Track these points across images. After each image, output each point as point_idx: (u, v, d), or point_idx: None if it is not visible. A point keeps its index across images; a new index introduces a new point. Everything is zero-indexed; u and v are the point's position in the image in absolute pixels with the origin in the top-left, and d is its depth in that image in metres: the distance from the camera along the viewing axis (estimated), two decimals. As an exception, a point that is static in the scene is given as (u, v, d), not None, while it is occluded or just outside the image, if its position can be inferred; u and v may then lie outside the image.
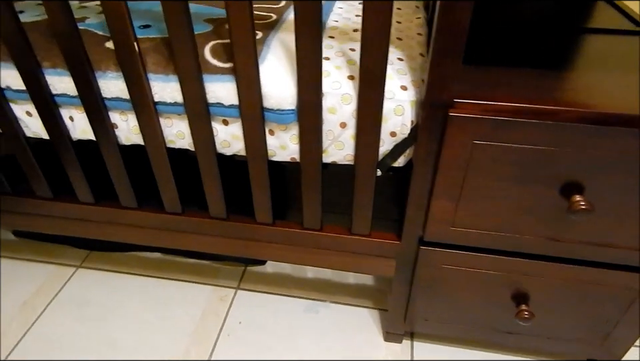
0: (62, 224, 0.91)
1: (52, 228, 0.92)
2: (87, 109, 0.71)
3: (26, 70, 0.68)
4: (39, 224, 0.92)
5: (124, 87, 0.68)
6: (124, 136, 0.75)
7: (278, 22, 0.76)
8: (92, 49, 0.67)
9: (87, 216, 0.88)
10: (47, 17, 0.74)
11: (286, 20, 0.79)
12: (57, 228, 0.92)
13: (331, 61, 0.67)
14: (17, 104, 0.74)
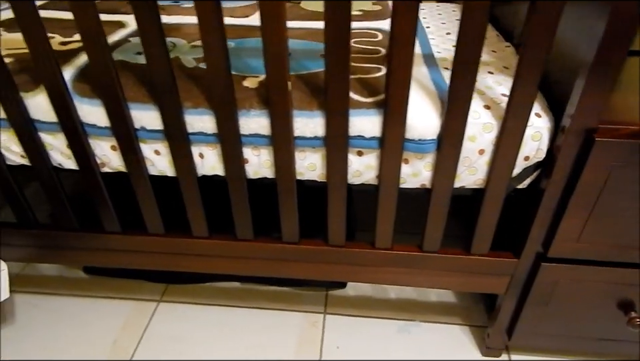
0: (141, 258, 0.91)
1: (130, 262, 0.92)
2: (224, 146, 0.72)
3: (169, 111, 0.69)
4: (114, 260, 0.93)
5: (265, 124, 0.70)
6: (253, 170, 0.76)
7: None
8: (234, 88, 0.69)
9: (161, 248, 0.88)
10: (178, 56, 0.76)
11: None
12: (138, 263, 0.92)
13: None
14: (147, 143, 0.75)
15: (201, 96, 0.71)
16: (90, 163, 0.77)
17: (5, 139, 0.77)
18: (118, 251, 0.90)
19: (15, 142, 0.77)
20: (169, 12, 1.07)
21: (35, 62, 0.66)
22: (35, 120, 0.74)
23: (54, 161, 0.79)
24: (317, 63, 0.79)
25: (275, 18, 0.59)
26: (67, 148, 0.76)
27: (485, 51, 0.90)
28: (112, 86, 0.67)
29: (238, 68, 0.78)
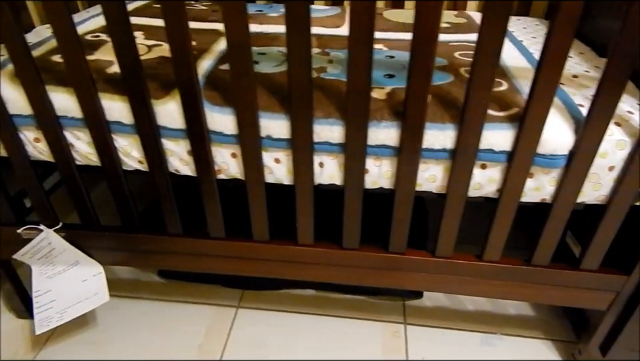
0: (234, 263, 0.92)
1: (223, 267, 0.93)
2: (348, 156, 0.73)
3: (300, 121, 0.70)
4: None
5: (394, 135, 0.71)
6: (371, 180, 0.77)
7: (507, 70, 0.81)
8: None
9: (267, 254, 0.89)
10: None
11: (511, 67, 0.84)
12: (230, 268, 0.93)
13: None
14: (268, 151, 0.75)
15: (332, 106, 0.71)
16: (209, 170, 0.77)
17: (126, 145, 0.77)
18: (220, 256, 0.91)
19: (137, 148, 0.77)
20: (261, 21, 1.08)
21: (175, 68, 0.67)
22: (161, 126, 0.74)
23: (171, 167, 0.79)
24: (440, 76, 0.80)
25: (428, 32, 0.60)
26: (187, 155, 0.77)
27: (588, 67, 0.91)
28: (248, 96, 0.68)
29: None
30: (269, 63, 0.84)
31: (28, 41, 0.71)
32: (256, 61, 0.83)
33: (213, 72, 0.79)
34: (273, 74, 0.79)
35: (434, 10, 0.58)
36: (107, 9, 0.63)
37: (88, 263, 0.94)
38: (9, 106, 0.75)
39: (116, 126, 0.75)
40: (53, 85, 0.74)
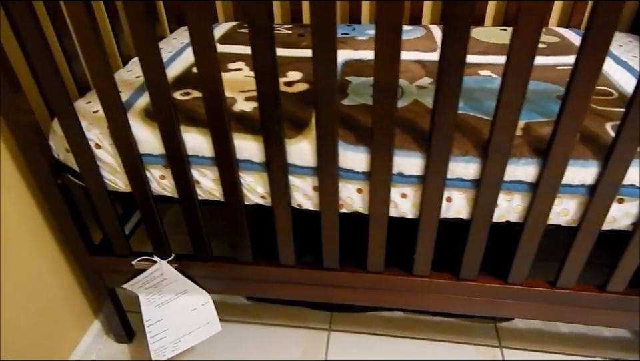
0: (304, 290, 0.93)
1: (293, 294, 0.94)
2: (481, 192, 0.72)
3: (436, 158, 0.69)
4: (277, 291, 0.94)
5: (532, 172, 0.70)
6: (499, 214, 0.76)
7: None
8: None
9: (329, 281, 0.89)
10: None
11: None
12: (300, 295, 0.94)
13: None
14: (396, 187, 0.75)
15: (469, 143, 0.71)
16: (334, 205, 0.77)
17: (252, 181, 0.78)
18: (286, 283, 0.92)
19: (262, 184, 0.78)
20: (353, 46, 1.08)
21: (317, 109, 0.67)
22: (291, 164, 0.75)
23: (294, 202, 0.80)
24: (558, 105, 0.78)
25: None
26: (312, 191, 0.77)
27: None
28: (387, 138, 0.68)
29: (484, 110, 0.78)
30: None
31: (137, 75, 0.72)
32: (375, 94, 0.83)
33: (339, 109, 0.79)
34: (405, 108, 0.79)
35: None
36: (258, 54, 0.63)
37: (196, 292, 0.95)
38: (140, 146, 0.76)
39: (245, 164, 0.76)
40: (185, 125, 0.75)
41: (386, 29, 0.58)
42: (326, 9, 0.57)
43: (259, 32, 0.61)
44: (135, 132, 0.76)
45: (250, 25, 0.60)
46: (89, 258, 0.92)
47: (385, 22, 0.57)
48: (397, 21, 0.57)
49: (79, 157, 0.78)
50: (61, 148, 0.81)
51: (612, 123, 0.73)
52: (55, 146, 0.81)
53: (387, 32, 0.58)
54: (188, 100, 0.83)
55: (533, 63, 0.59)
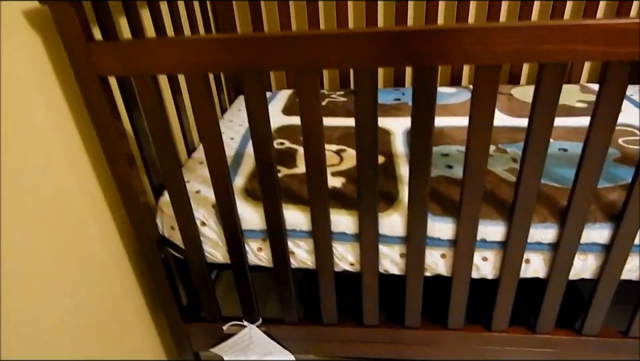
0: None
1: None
2: (559, 254, 0.79)
3: (518, 226, 0.76)
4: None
5: (606, 235, 0.77)
6: (574, 272, 0.82)
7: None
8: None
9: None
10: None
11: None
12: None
13: None
14: (478, 251, 0.82)
15: (546, 211, 0.78)
16: (420, 269, 0.84)
17: (343, 250, 0.85)
18: (416, 344, 0.97)
19: (352, 253, 0.85)
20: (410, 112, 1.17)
21: (410, 185, 0.74)
22: (381, 235, 0.82)
23: (381, 268, 0.87)
24: (623, 171, 0.86)
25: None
26: (399, 257, 0.84)
27: None
28: (473, 211, 0.76)
29: (552, 177, 0.86)
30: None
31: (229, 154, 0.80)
32: (449, 165, 0.91)
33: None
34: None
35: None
36: (361, 138, 0.71)
37: (280, 353, 1.00)
38: (243, 223, 0.84)
39: (338, 235, 0.83)
40: (284, 202, 0.84)
41: (482, 100, 0.66)
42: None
43: (364, 116, 0.69)
44: (239, 211, 0.84)
45: (356, 107, 0.68)
46: (182, 324, 0.99)
47: (481, 90, 0.66)
48: (494, 90, 0.66)
49: (185, 234, 0.86)
50: (167, 226, 0.89)
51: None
52: (161, 224, 0.89)
53: (483, 106, 0.66)
54: (282, 177, 0.91)
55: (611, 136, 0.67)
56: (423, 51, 0.61)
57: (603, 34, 0.58)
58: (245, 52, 0.64)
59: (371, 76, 0.65)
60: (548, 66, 0.62)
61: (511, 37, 0.59)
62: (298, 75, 0.66)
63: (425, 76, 0.64)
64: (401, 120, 1.12)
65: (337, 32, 0.62)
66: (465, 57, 0.61)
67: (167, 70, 0.67)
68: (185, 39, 0.65)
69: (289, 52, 0.64)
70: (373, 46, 0.62)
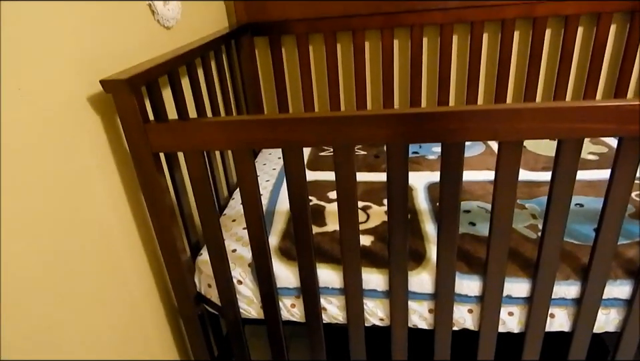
0: None
1: None
2: (582, 308, 0.82)
3: (541, 283, 0.80)
4: None
5: (627, 290, 0.80)
6: (599, 326, 0.85)
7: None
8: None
9: None
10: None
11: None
12: None
13: None
14: (503, 306, 0.86)
15: (569, 268, 0.82)
16: (449, 324, 0.88)
17: (373, 306, 0.89)
18: None
19: (382, 309, 0.89)
20: (429, 166, 1.23)
21: (439, 244, 0.79)
22: (411, 291, 0.86)
23: (410, 322, 0.90)
24: (636, 226, 0.90)
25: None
26: (427, 313, 0.88)
27: None
28: (500, 268, 0.80)
29: (571, 234, 0.90)
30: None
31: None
32: (472, 222, 0.96)
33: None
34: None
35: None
36: (394, 203, 0.76)
37: (310, 406, 1.02)
38: (278, 282, 0.89)
39: (369, 292, 0.87)
40: (318, 262, 0.88)
41: (506, 170, 0.71)
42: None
43: (396, 186, 0.75)
44: (275, 269, 0.88)
45: (389, 177, 0.74)
46: (215, 378, 1.01)
47: (505, 163, 0.71)
48: (517, 162, 0.71)
49: (222, 292, 0.90)
50: (204, 283, 0.93)
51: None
52: (198, 282, 0.94)
53: (508, 175, 0.72)
54: (314, 235, 0.95)
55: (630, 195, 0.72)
56: (455, 130, 0.67)
57: (615, 114, 0.64)
58: (288, 130, 0.70)
59: (404, 151, 0.71)
60: (566, 142, 0.68)
61: (534, 117, 0.66)
62: (335, 151, 0.72)
63: (454, 151, 0.70)
64: (421, 175, 1.18)
65: (369, 114, 0.68)
66: (492, 134, 0.67)
67: (215, 146, 0.73)
68: (231, 120, 0.71)
69: (326, 130, 0.70)
70: (407, 124, 0.68)
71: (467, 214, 0.98)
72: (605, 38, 1.30)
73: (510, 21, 1.31)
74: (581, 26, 1.34)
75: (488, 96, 1.46)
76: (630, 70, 1.33)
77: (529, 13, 1.29)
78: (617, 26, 1.33)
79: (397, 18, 1.33)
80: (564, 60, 1.34)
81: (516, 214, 0.98)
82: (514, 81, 1.44)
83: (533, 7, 1.28)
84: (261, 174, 1.27)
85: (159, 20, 0.94)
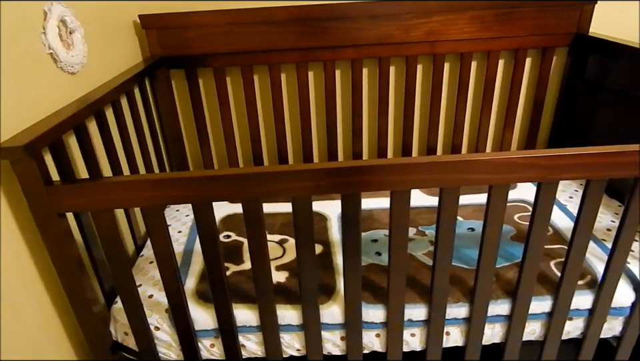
0: None
1: None
2: (471, 326, 0.93)
3: (436, 307, 0.90)
4: None
5: (506, 307, 0.93)
6: (486, 338, 0.97)
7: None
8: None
9: None
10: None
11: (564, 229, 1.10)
12: None
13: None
14: (406, 329, 0.94)
15: (459, 292, 0.93)
16: (359, 348, 0.95)
17: (290, 339, 0.94)
18: None
19: (298, 341, 0.94)
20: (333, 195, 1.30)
21: (345, 279, 0.86)
22: (323, 323, 0.92)
23: (325, 350, 0.96)
24: (516, 248, 1.04)
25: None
26: (340, 340, 0.95)
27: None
28: (399, 299, 0.88)
29: (461, 258, 1.01)
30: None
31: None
32: (378, 252, 1.04)
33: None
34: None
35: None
36: (300, 240, 0.82)
37: None
38: (196, 325, 0.91)
39: (285, 327, 0.92)
40: (234, 302, 0.91)
41: (398, 216, 0.80)
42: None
43: (303, 240, 0.81)
44: (191, 314, 0.90)
45: (296, 229, 0.80)
46: (137, 423, 1.01)
47: (396, 209, 0.80)
48: (407, 209, 0.80)
49: (140, 340, 0.90)
50: (121, 332, 0.93)
51: (554, 261, 0.99)
52: (114, 331, 0.93)
53: (399, 220, 0.80)
54: (231, 275, 0.99)
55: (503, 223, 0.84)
56: (355, 183, 0.75)
57: (488, 166, 0.75)
58: (197, 188, 0.74)
59: (308, 204, 0.77)
60: (446, 190, 0.77)
61: (418, 170, 0.74)
62: (244, 205, 0.76)
63: (351, 200, 0.77)
64: (334, 204, 1.25)
65: (276, 170, 0.73)
66: (385, 185, 0.75)
67: (123, 205, 0.74)
68: (137, 179, 0.73)
69: (234, 187, 0.74)
70: (311, 179, 0.74)
71: (375, 244, 1.07)
72: (494, 73, 1.47)
73: (413, 57, 1.43)
74: (474, 61, 1.50)
75: (397, 124, 1.58)
76: (517, 99, 1.51)
77: (430, 50, 1.42)
78: (505, 62, 1.50)
79: (312, 54, 1.40)
80: (461, 91, 1.49)
81: (416, 241, 1.09)
82: (420, 108, 1.57)
83: (433, 45, 1.41)
84: (181, 208, 1.28)
85: (62, 67, 0.93)
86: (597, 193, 0.80)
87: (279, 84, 1.44)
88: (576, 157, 0.75)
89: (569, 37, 1.41)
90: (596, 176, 0.78)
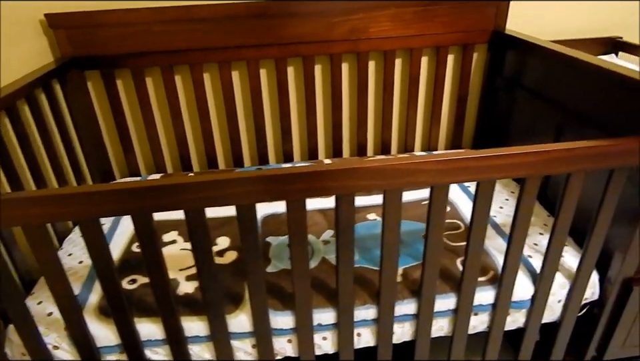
0: None
1: None
2: (380, 327, 0.95)
3: (344, 310, 0.91)
4: None
5: (413, 306, 0.95)
6: (397, 338, 0.99)
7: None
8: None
9: None
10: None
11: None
12: None
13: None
14: (317, 333, 0.95)
15: (366, 294, 0.94)
16: (271, 354, 0.95)
17: (200, 349, 0.93)
18: None
19: (208, 351, 0.93)
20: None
21: (249, 287, 0.85)
22: (232, 332, 0.91)
23: (237, 357, 0.96)
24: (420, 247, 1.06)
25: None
26: (251, 348, 0.95)
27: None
28: (306, 303, 0.89)
29: (373, 260, 1.02)
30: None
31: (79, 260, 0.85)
32: (290, 256, 1.04)
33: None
34: (316, 268, 1.00)
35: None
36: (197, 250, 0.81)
37: None
38: (98, 341, 0.88)
39: (193, 338, 0.91)
40: (137, 317, 0.89)
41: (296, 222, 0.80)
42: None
43: (197, 236, 0.79)
44: (93, 330, 0.87)
45: (192, 243, 0.78)
46: None
47: (294, 211, 0.79)
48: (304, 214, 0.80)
49: (37, 360, 0.87)
50: (18, 353, 0.89)
51: (460, 259, 1.02)
52: (11, 353, 0.89)
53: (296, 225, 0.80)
54: (138, 287, 0.96)
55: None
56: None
57: (380, 172, 0.75)
58: (80, 204, 0.70)
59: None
60: (341, 197, 0.77)
61: (322, 177, 0.74)
62: (133, 218, 0.73)
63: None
64: (259, 206, 1.24)
65: (169, 183, 0.71)
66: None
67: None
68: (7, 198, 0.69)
69: (122, 202, 0.71)
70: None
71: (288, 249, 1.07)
72: (418, 70, 1.49)
73: (337, 55, 1.43)
74: (398, 59, 1.51)
75: (327, 123, 1.58)
76: (441, 96, 1.54)
77: (353, 48, 1.42)
78: (428, 59, 1.52)
79: (235, 53, 1.37)
80: (387, 89, 1.50)
81: (332, 243, 1.10)
82: (348, 106, 1.57)
83: (356, 43, 1.41)
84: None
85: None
86: (488, 193, 0.83)
87: (202, 84, 1.41)
88: (465, 161, 0.77)
89: (487, 34, 1.45)
90: (484, 177, 0.80)
